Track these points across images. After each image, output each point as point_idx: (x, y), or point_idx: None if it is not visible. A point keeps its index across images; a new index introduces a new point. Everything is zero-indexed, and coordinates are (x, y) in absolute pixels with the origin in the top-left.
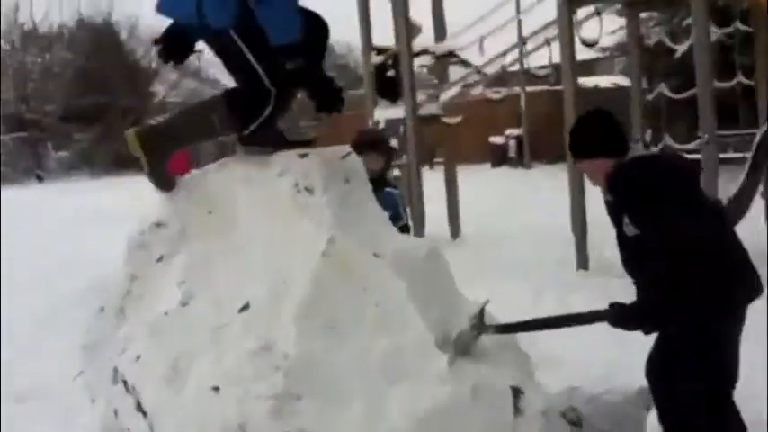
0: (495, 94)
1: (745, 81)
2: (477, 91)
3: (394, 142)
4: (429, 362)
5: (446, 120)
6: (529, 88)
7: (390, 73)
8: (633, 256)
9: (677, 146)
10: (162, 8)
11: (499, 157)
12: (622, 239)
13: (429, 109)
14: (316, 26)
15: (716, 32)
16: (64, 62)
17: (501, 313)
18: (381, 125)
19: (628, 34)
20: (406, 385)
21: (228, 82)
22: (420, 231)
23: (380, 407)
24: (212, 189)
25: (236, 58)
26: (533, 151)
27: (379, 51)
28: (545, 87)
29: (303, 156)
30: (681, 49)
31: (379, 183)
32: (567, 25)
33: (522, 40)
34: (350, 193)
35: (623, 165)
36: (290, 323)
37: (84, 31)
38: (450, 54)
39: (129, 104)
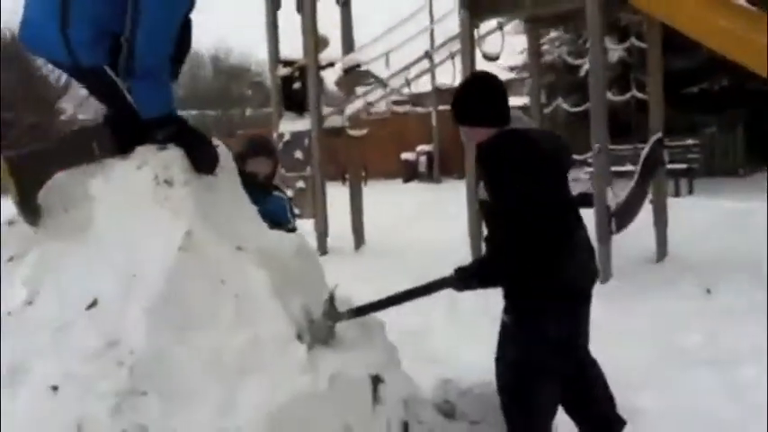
0: (400, 107)
1: (639, 95)
2: (381, 106)
3: (299, 154)
4: (287, 354)
5: (351, 132)
6: (441, 107)
7: (297, 85)
8: (485, 220)
9: (574, 157)
10: (24, 39)
11: (410, 173)
12: (480, 203)
13: (334, 121)
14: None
15: (615, 49)
16: None
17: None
18: (287, 137)
19: (528, 51)
20: (263, 378)
21: None
22: (323, 243)
23: (234, 401)
24: (69, 186)
25: (110, 90)
26: (443, 166)
27: (287, 64)
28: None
29: (163, 148)
30: (585, 66)
31: (267, 187)
32: (468, 39)
33: (427, 54)
34: (214, 187)
35: (495, 134)
36: (139, 318)
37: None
38: (357, 67)
39: (34, 122)
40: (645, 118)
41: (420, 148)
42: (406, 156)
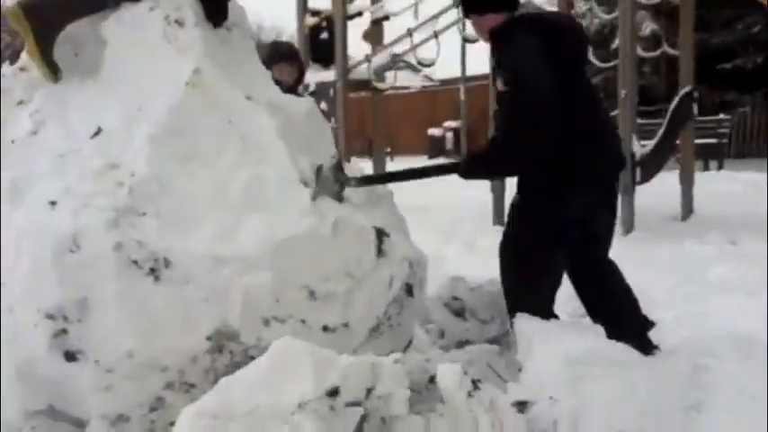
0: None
1: (671, 51)
2: (408, 57)
3: (324, 106)
4: (291, 195)
5: (377, 85)
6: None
7: (324, 36)
8: (500, 109)
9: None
10: None
11: (437, 149)
12: (497, 95)
13: (360, 73)
14: None
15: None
16: (3, 44)
17: None
18: (312, 88)
19: (558, 3)
20: (265, 215)
21: None
22: None
23: (233, 232)
24: (80, 31)
25: None
26: (470, 143)
27: (314, 14)
28: (486, 82)
29: None
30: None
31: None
32: None
33: (455, 4)
34: (228, 38)
35: (506, 21)
36: (142, 145)
37: None
38: (385, 18)
39: None
40: (675, 77)
41: (447, 123)
42: (432, 131)
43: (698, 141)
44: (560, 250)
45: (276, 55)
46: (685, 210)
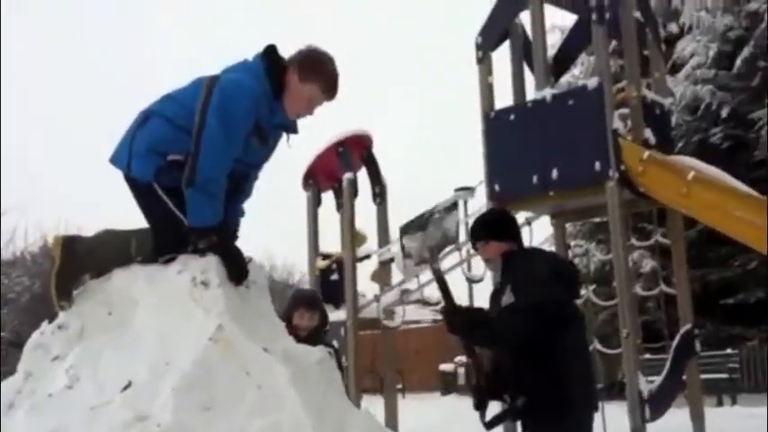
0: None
1: (667, 289)
2: (415, 295)
3: (335, 344)
4: None
5: (387, 323)
6: None
7: (334, 277)
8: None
9: (605, 350)
10: (111, 157)
11: (448, 385)
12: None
13: (370, 312)
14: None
15: (640, 246)
16: (20, 287)
17: None
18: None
19: (555, 244)
20: None
21: None
22: None
23: None
24: (114, 290)
25: (156, 203)
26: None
27: (325, 257)
28: None
29: (203, 255)
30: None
31: (314, 341)
32: None
33: (457, 247)
34: (247, 295)
35: (518, 249)
36: (168, 398)
37: (47, 257)
38: (392, 260)
39: None
40: (677, 314)
41: (458, 359)
42: (443, 367)
43: (707, 377)
44: None
45: (296, 302)
46: None
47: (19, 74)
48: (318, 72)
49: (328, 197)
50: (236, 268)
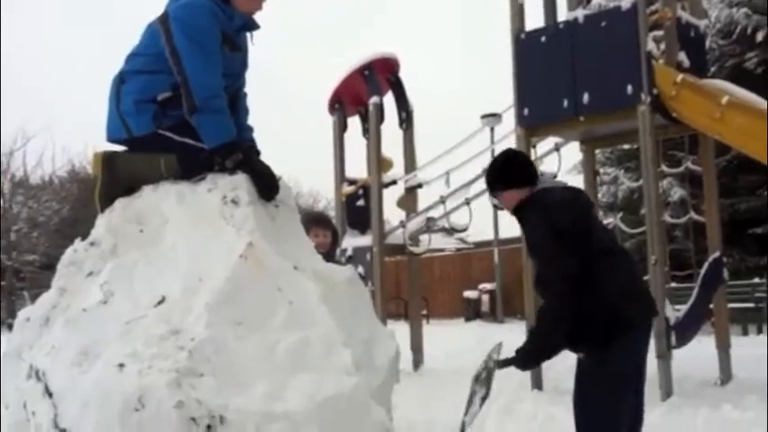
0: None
1: (696, 217)
2: (442, 222)
3: (361, 270)
4: (334, 357)
5: (412, 249)
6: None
7: (360, 203)
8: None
9: None
10: (107, 137)
11: (473, 311)
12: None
13: (396, 238)
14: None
15: (671, 173)
16: (50, 211)
17: None
18: (349, 252)
19: (584, 170)
20: (311, 374)
21: None
22: None
23: (282, 391)
24: (145, 207)
25: (170, 147)
26: (507, 306)
27: (351, 183)
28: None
29: (232, 173)
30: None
31: (328, 259)
32: None
33: (485, 172)
34: (275, 216)
35: (528, 196)
36: (201, 312)
37: (74, 182)
38: (419, 186)
39: None
40: (705, 242)
41: (482, 286)
42: (468, 294)
43: (734, 306)
44: (630, 391)
45: (310, 221)
46: (723, 375)
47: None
48: None
49: (354, 122)
50: (267, 184)
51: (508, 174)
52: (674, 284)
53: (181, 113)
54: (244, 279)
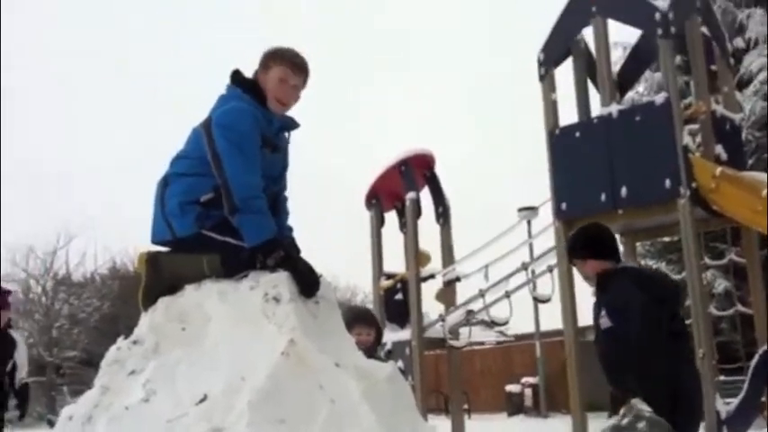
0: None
1: (743, 309)
2: (481, 315)
3: (401, 364)
4: None
5: (452, 342)
6: (544, 339)
7: (398, 297)
8: (605, 348)
9: None
10: (152, 239)
11: (515, 406)
12: (598, 334)
13: (435, 332)
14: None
15: (713, 265)
16: (91, 308)
17: None
18: (388, 347)
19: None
20: None
21: None
22: None
23: None
24: (188, 305)
25: (214, 246)
26: (550, 400)
27: (389, 277)
28: (561, 338)
29: (273, 270)
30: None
31: (368, 356)
32: (563, 250)
33: (524, 266)
34: (317, 311)
35: (613, 268)
36: (243, 410)
37: (115, 279)
38: (457, 280)
39: None
40: (753, 334)
41: (525, 380)
42: (510, 388)
43: None
44: None
45: (353, 319)
46: None
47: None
48: (275, 56)
49: (391, 217)
50: (308, 281)
51: (598, 244)
52: (722, 377)
53: (222, 214)
54: (285, 377)
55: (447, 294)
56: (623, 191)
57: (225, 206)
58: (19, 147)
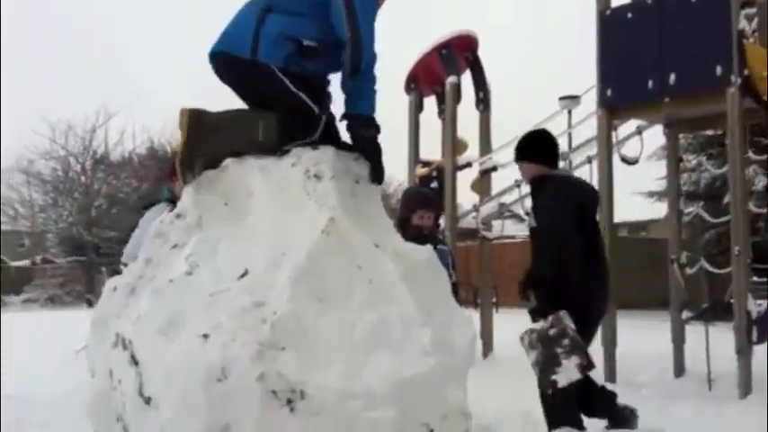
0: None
1: None
2: (515, 207)
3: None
4: (413, 336)
5: (484, 233)
6: None
7: (434, 185)
8: (532, 246)
9: (712, 269)
10: (217, 47)
11: None
12: (531, 231)
13: (468, 222)
14: None
15: (758, 159)
16: (129, 188)
17: None
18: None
19: (667, 155)
20: (389, 354)
21: None
22: None
23: (360, 370)
24: (230, 180)
25: (280, 91)
26: None
27: (425, 164)
28: None
29: (315, 147)
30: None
31: (429, 240)
32: (605, 141)
33: (563, 157)
34: (357, 191)
35: (547, 174)
36: (284, 286)
37: (153, 160)
38: (494, 169)
39: None
40: None
41: None
42: None
43: None
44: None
45: (418, 203)
46: None
47: None
48: None
49: (430, 102)
50: (381, 166)
51: (538, 149)
52: (754, 278)
53: (311, 68)
54: (325, 255)
55: (482, 184)
56: (672, 78)
57: (347, 63)
58: (67, 27)
